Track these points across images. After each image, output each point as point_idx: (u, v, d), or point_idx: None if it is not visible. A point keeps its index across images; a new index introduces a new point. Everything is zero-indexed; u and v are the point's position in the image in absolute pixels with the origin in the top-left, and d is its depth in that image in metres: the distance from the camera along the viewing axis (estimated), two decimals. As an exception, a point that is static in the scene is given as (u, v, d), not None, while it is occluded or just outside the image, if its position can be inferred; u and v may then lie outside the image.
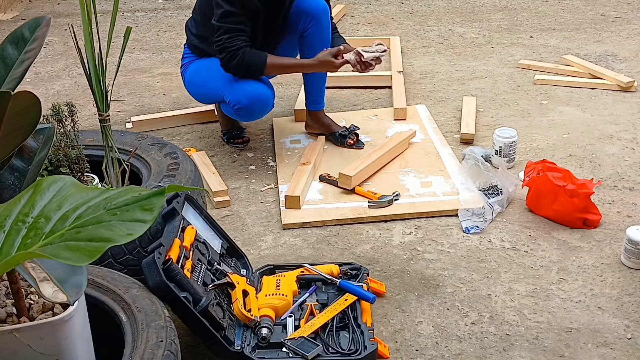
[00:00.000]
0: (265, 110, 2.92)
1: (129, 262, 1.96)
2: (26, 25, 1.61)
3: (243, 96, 2.83)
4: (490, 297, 2.18)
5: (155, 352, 1.47)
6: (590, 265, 2.30)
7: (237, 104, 2.85)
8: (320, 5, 2.97)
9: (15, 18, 5.30)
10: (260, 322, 1.93)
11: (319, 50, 2.92)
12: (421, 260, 2.36)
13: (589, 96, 3.56)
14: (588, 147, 3.04)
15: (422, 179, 2.81)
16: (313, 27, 2.96)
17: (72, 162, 2.23)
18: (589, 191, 2.46)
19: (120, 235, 1.11)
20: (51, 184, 1.26)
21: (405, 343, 2.00)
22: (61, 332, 1.41)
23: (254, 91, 2.83)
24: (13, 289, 1.46)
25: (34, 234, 1.18)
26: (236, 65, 2.76)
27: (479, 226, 2.49)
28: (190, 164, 2.27)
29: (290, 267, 2.23)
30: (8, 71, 1.54)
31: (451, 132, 3.24)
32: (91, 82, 2.18)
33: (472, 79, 3.83)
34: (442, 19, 4.86)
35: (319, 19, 2.96)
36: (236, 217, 2.66)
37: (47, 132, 1.68)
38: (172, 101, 3.72)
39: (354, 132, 3.11)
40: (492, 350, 1.97)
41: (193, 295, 1.82)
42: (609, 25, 4.58)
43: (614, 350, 1.95)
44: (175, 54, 4.42)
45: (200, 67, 3.00)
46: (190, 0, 5.50)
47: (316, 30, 2.97)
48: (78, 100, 3.62)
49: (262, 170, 2.98)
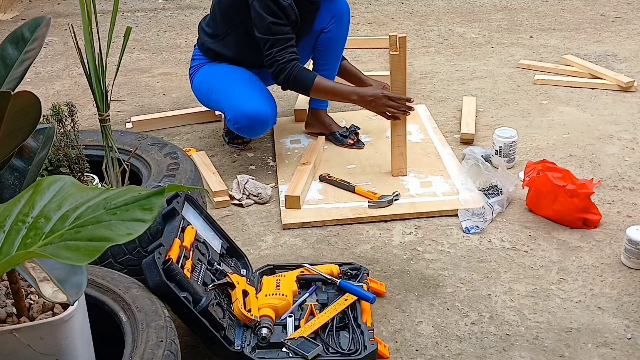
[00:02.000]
0: (265, 128, 2.89)
1: (129, 262, 1.96)
2: (26, 25, 1.61)
3: (242, 116, 2.81)
4: (490, 297, 2.18)
5: (155, 352, 1.47)
6: (590, 265, 2.30)
7: (237, 123, 2.83)
8: (344, 4, 2.97)
9: (15, 18, 5.30)
10: (260, 322, 1.93)
11: (335, 49, 2.93)
12: (421, 260, 2.36)
13: (589, 96, 3.56)
14: (588, 147, 3.04)
15: (422, 179, 2.81)
16: (334, 25, 2.96)
17: (72, 162, 2.23)
18: (589, 191, 2.46)
19: (120, 235, 1.11)
20: (51, 184, 1.26)
21: (405, 343, 2.00)
22: (61, 332, 1.41)
23: (253, 111, 2.80)
24: (13, 289, 1.46)
25: (34, 234, 1.18)
26: (285, 79, 2.74)
27: (479, 226, 2.49)
28: (190, 164, 2.27)
29: (290, 267, 2.23)
30: (8, 71, 1.54)
31: (451, 132, 3.24)
32: (91, 82, 2.18)
33: (472, 79, 3.83)
34: (442, 19, 4.86)
35: (341, 17, 2.96)
36: (236, 217, 2.66)
37: (47, 132, 1.68)
38: (172, 101, 3.72)
39: (355, 132, 3.12)
40: (492, 350, 1.97)
41: (193, 295, 1.82)
42: (609, 25, 4.58)
43: (614, 350, 1.95)
44: (175, 54, 4.42)
45: (207, 76, 2.98)
46: (191, 1, 5.52)
47: (336, 29, 2.97)
48: (78, 100, 3.62)
49: (262, 170, 2.98)
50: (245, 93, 2.86)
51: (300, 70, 2.74)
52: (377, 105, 2.75)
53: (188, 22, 5.07)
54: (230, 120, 2.85)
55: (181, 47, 4.55)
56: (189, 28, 4.93)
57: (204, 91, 3.00)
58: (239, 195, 2.73)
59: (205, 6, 5.40)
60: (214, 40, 2.95)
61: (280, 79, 2.75)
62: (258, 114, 2.81)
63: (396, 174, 2.84)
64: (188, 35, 4.78)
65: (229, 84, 2.90)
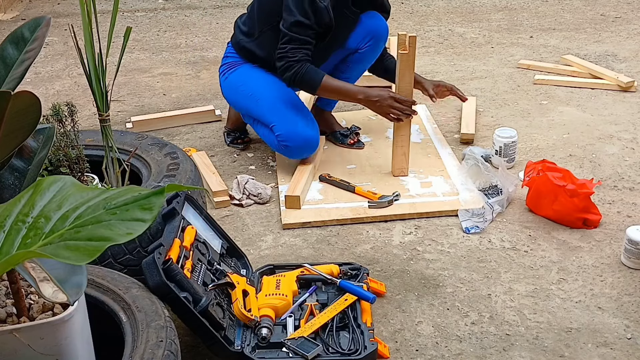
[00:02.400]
0: (312, 152, 2.87)
1: (129, 262, 1.96)
2: (26, 25, 1.61)
3: (296, 136, 2.77)
4: (490, 297, 2.18)
5: (155, 352, 1.47)
6: (590, 265, 2.30)
7: (287, 141, 2.78)
8: (384, 26, 2.94)
9: (15, 18, 5.31)
10: (260, 322, 1.93)
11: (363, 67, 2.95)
12: (421, 260, 2.36)
13: (589, 96, 3.56)
14: (588, 147, 3.04)
15: (422, 179, 2.81)
16: (369, 47, 2.93)
17: (72, 162, 2.23)
18: (589, 191, 2.46)
19: (119, 235, 1.11)
20: (51, 184, 1.26)
21: (405, 343, 2.00)
22: (61, 332, 1.41)
23: (307, 134, 2.78)
24: (13, 289, 1.46)
25: (33, 234, 1.18)
26: (291, 77, 2.71)
27: (479, 226, 2.49)
28: (190, 164, 2.27)
29: (290, 267, 2.23)
30: (8, 71, 1.54)
31: (451, 132, 3.24)
32: (91, 82, 2.18)
33: (472, 79, 3.83)
34: (442, 19, 4.86)
35: (379, 39, 2.93)
36: (236, 217, 2.66)
37: (47, 132, 1.68)
38: (172, 101, 3.72)
39: (355, 133, 3.12)
40: (492, 350, 1.97)
41: (193, 295, 1.82)
42: (609, 25, 4.58)
43: (614, 350, 1.95)
44: (175, 54, 4.42)
45: (249, 78, 2.91)
46: (191, 1, 5.52)
47: (371, 50, 2.94)
48: (78, 100, 3.62)
49: (262, 170, 2.98)
50: (300, 114, 2.83)
51: (309, 68, 2.70)
52: (382, 106, 2.73)
53: (188, 22, 5.07)
54: (280, 136, 2.79)
55: (181, 47, 4.55)
56: (189, 28, 4.93)
57: (245, 94, 2.89)
58: (239, 195, 2.73)
59: (205, 6, 5.41)
60: (249, 39, 2.90)
61: (287, 75, 2.72)
62: (311, 137, 2.81)
63: (397, 174, 2.84)
64: (188, 35, 4.78)
65: (280, 98, 2.84)
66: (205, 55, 4.40)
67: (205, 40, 4.67)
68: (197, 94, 3.81)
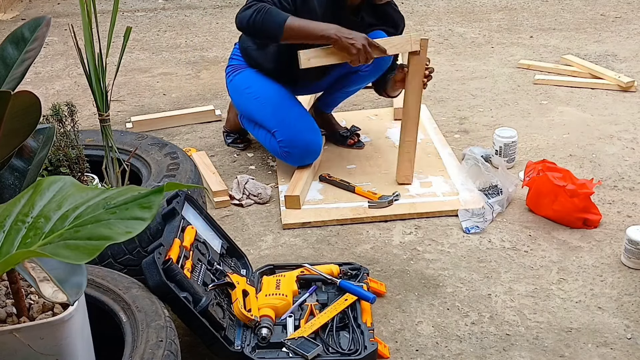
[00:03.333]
0: (314, 159, 2.84)
1: (129, 262, 1.96)
2: (26, 25, 1.61)
3: (298, 142, 2.75)
4: (490, 297, 2.18)
5: (155, 352, 1.47)
6: (590, 265, 2.30)
7: (289, 147, 2.77)
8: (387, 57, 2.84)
9: (15, 18, 5.31)
10: (260, 322, 1.93)
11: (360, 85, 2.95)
12: (421, 260, 2.36)
13: (589, 96, 3.56)
14: (588, 147, 3.04)
15: (422, 179, 2.81)
16: (371, 71, 2.86)
17: (72, 162, 2.23)
18: (589, 191, 2.46)
19: (119, 234, 1.11)
20: (51, 184, 1.26)
21: (405, 343, 2.00)
22: (61, 332, 1.41)
23: (309, 141, 2.76)
24: (13, 289, 1.46)
25: (33, 234, 1.18)
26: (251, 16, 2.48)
27: (479, 226, 2.49)
28: (190, 164, 2.27)
29: (290, 267, 2.23)
30: (8, 71, 1.54)
31: (451, 132, 3.24)
32: (91, 82, 2.18)
33: (472, 79, 3.83)
34: (442, 19, 4.86)
35: (379, 69, 2.85)
36: (236, 217, 2.66)
37: (47, 132, 1.68)
38: (172, 101, 3.72)
39: (355, 133, 3.12)
40: (492, 350, 1.97)
41: (193, 295, 1.82)
42: (609, 25, 4.58)
43: (614, 350, 1.95)
44: (175, 54, 4.42)
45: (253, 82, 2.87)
46: (191, 1, 5.52)
47: (371, 73, 2.88)
48: (78, 100, 3.62)
49: (262, 170, 2.98)
50: (302, 120, 2.81)
51: (271, 9, 2.49)
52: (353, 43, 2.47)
53: (188, 22, 5.07)
54: (282, 142, 2.77)
55: (181, 47, 4.55)
56: (189, 28, 4.93)
57: (249, 97, 2.87)
58: (239, 195, 2.73)
59: (205, 6, 5.41)
60: (256, 47, 2.86)
61: (245, 15, 2.49)
62: (314, 144, 2.79)
63: (402, 182, 2.76)
64: (188, 35, 4.79)
65: (283, 104, 2.82)
66: (205, 55, 4.40)
67: (205, 40, 4.67)
68: (197, 94, 3.81)
